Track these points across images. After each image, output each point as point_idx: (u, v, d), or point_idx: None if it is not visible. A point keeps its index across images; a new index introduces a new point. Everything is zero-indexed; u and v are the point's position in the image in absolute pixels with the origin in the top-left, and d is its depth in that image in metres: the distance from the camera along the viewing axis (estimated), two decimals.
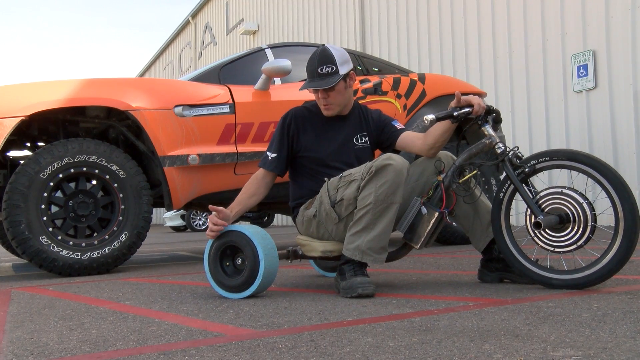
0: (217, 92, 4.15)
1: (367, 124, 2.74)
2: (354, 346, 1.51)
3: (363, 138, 2.71)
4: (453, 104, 2.46)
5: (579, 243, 2.21)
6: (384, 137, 2.72)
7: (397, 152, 2.67)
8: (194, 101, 4.04)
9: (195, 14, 22.18)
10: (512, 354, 1.37)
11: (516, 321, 1.73)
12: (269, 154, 2.68)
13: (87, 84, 3.89)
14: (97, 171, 3.74)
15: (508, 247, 2.40)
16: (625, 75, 6.55)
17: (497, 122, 2.57)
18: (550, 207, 2.27)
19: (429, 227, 2.44)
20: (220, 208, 2.48)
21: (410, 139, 2.67)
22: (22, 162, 3.83)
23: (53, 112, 3.81)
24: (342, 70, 2.57)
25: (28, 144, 4.34)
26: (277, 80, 4.40)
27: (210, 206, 2.49)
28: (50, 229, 3.62)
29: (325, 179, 2.57)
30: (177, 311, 2.20)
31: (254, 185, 2.65)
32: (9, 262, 5.65)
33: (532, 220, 2.29)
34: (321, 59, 2.57)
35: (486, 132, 2.49)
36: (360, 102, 3.34)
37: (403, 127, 2.77)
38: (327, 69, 2.55)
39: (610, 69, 6.70)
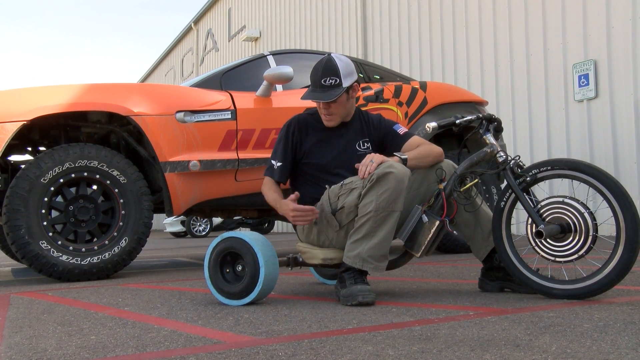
0: (218, 98, 4.15)
1: (368, 129, 2.74)
2: (354, 354, 1.50)
3: (365, 144, 2.71)
4: None
5: (580, 253, 2.20)
6: (385, 145, 2.71)
7: None
8: (196, 107, 4.04)
9: (197, 20, 22.24)
10: None
11: (517, 331, 1.73)
12: (274, 162, 2.67)
13: (88, 89, 3.89)
14: (98, 176, 3.74)
15: (509, 256, 2.39)
16: (626, 84, 6.55)
17: (498, 131, 2.57)
18: (551, 216, 2.26)
19: (430, 236, 2.43)
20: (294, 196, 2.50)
21: (411, 149, 2.66)
22: (23, 166, 3.83)
23: (54, 116, 3.82)
24: (346, 83, 2.54)
25: (29, 149, 4.34)
26: (279, 87, 4.41)
27: (291, 203, 2.47)
28: (50, 234, 3.61)
29: (326, 186, 2.57)
30: (176, 317, 2.20)
31: (274, 187, 2.67)
32: (8, 266, 5.64)
33: (533, 230, 2.28)
34: (325, 70, 2.54)
35: (487, 141, 2.49)
36: (362, 109, 3.33)
37: (406, 130, 2.75)
38: (330, 80, 2.52)
39: (611, 79, 6.71)
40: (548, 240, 2.26)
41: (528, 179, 2.34)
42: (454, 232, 2.67)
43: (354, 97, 2.66)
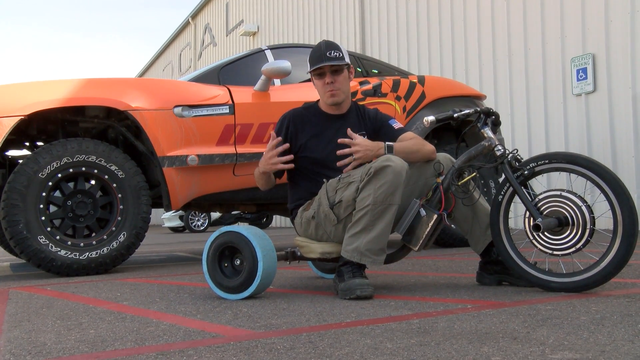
0: (216, 92, 4.15)
1: (364, 122, 2.74)
2: (352, 348, 1.51)
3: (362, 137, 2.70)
4: None
5: (578, 246, 2.21)
6: (379, 138, 2.71)
7: None
8: (194, 102, 4.04)
9: (195, 15, 22.18)
10: (510, 356, 1.37)
11: (514, 324, 1.73)
12: None
13: (86, 83, 3.89)
14: (96, 171, 3.74)
15: (506, 250, 2.40)
16: (624, 78, 6.55)
17: (496, 125, 2.57)
18: (549, 210, 2.27)
19: (428, 229, 2.43)
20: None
21: None
22: (21, 161, 3.83)
23: (52, 111, 3.81)
24: (346, 59, 2.64)
25: (27, 144, 4.34)
26: (277, 82, 4.40)
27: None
28: (49, 229, 3.61)
29: (324, 180, 2.57)
30: (175, 312, 2.20)
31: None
32: (7, 261, 5.64)
33: (531, 223, 2.29)
34: (328, 45, 2.64)
35: (485, 135, 2.49)
36: (360, 103, 3.34)
37: (401, 126, 2.76)
38: (335, 53, 2.61)
39: (610, 73, 6.71)
40: (546, 233, 2.26)
41: (526, 172, 2.35)
42: (452, 225, 2.67)
43: (351, 79, 2.73)
